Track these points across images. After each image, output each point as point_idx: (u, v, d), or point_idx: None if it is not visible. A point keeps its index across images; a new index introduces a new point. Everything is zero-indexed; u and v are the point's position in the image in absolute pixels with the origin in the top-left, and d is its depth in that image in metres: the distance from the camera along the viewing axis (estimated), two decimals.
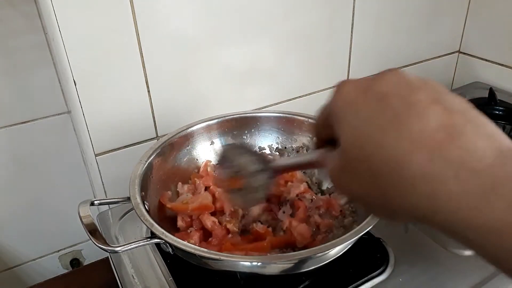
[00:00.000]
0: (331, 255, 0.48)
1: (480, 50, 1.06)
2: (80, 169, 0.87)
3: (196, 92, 0.75)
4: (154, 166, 0.59)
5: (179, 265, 0.55)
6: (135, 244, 0.46)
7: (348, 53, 0.90)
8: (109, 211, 0.70)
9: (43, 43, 0.74)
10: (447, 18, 1.03)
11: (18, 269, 0.92)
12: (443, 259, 0.58)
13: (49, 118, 0.81)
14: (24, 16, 0.71)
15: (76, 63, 0.61)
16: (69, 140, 0.83)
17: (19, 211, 0.86)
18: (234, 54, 0.76)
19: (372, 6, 0.88)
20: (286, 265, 0.46)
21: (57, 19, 0.58)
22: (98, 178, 0.72)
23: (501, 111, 0.93)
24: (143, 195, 0.53)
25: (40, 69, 0.76)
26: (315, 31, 0.83)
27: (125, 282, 0.57)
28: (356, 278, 0.55)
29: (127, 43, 0.64)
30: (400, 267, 0.57)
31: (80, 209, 0.49)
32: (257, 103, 0.83)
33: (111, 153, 0.71)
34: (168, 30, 0.67)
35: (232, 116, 0.68)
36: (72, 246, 0.97)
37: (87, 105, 0.65)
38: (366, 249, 0.58)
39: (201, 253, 0.44)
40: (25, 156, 0.82)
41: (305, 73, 0.87)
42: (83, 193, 0.80)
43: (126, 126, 0.70)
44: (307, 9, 0.80)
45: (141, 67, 0.67)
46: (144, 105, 0.71)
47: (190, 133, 0.65)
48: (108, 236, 0.65)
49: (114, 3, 0.61)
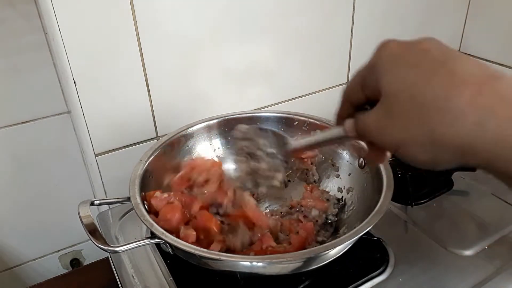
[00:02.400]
0: (331, 255, 0.48)
1: (480, 50, 1.06)
2: (80, 169, 0.87)
3: (196, 92, 0.75)
4: (154, 166, 0.59)
5: (179, 265, 0.55)
6: (135, 244, 0.46)
7: (348, 53, 0.90)
8: (109, 211, 0.71)
9: (43, 43, 0.74)
10: (447, 18, 1.03)
11: (18, 269, 0.92)
12: (443, 259, 0.58)
13: (49, 118, 0.81)
14: (24, 16, 0.71)
15: (76, 63, 0.61)
16: (69, 140, 0.83)
17: (19, 211, 0.86)
18: (234, 54, 0.76)
19: (372, 6, 0.88)
20: (286, 265, 0.46)
21: (57, 19, 0.58)
22: (98, 178, 0.72)
23: None
24: (143, 195, 0.53)
25: (40, 69, 0.76)
26: (315, 31, 0.83)
27: (125, 282, 0.57)
28: (356, 278, 0.55)
29: (127, 43, 0.64)
30: (400, 267, 0.57)
31: (80, 209, 0.49)
32: (257, 103, 0.83)
33: (111, 153, 0.71)
34: (168, 30, 0.67)
35: (232, 116, 0.68)
36: (72, 246, 0.97)
37: (87, 105, 0.65)
38: (366, 249, 0.58)
39: (201, 253, 0.44)
40: (25, 156, 0.82)
41: (305, 73, 0.87)
42: (83, 193, 0.80)
43: (126, 126, 0.70)
44: (307, 9, 0.80)
45: (141, 67, 0.67)
46: (144, 105, 0.71)
47: (190, 133, 0.65)
48: (108, 236, 0.65)
49: (114, 3, 0.61)
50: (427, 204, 0.70)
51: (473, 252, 0.59)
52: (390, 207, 0.69)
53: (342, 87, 0.92)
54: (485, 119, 0.25)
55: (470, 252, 0.59)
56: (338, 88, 0.93)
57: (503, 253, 0.59)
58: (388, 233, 0.62)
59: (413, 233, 0.64)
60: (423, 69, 0.28)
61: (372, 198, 0.52)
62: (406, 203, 0.69)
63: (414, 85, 0.28)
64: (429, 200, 0.70)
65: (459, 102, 0.26)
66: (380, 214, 0.47)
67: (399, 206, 0.69)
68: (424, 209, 0.69)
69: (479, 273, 0.56)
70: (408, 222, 0.66)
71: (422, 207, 0.69)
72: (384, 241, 0.60)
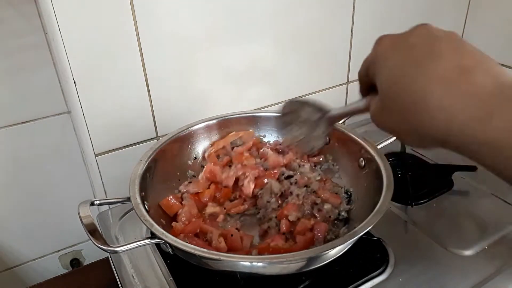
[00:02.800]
0: (331, 255, 0.48)
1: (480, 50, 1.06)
2: (80, 169, 0.87)
3: (196, 92, 0.75)
4: (154, 166, 0.59)
5: (179, 265, 0.55)
6: (135, 244, 0.46)
7: (348, 53, 0.90)
8: (109, 211, 0.71)
9: (43, 43, 0.74)
10: (447, 18, 1.03)
11: (18, 269, 0.92)
12: (443, 259, 0.58)
13: (49, 118, 0.81)
14: (24, 16, 0.71)
15: (76, 63, 0.61)
16: (69, 140, 0.83)
17: (19, 211, 0.86)
18: (234, 54, 0.76)
19: (372, 6, 0.88)
20: (286, 265, 0.46)
21: (57, 19, 0.58)
22: (98, 178, 0.72)
23: None
24: (143, 195, 0.53)
25: (40, 69, 0.76)
26: (315, 31, 0.83)
27: (125, 282, 0.57)
28: (356, 278, 0.55)
29: (127, 43, 0.64)
30: (400, 267, 0.57)
31: (80, 209, 0.49)
32: (257, 103, 0.83)
33: (111, 153, 0.71)
34: (168, 30, 0.67)
35: (232, 116, 0.68)
36: (72, 246, 0.97)
37: (87, 105, 0.65)
38: (366, 249, 0.58)
39: (201, 253, 0.44)
40: (25, 156, 0.82)
41: (305, 73, 0.87)
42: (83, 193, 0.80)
43: (126, 126, 0.70)
44: (307, 9, 0.80)
45: (141, 67, 0.67)
46: (144, 105, 0.71)
47: (190, 133, 0.65)
48: (108, 236, 0.65)
49: (114, 3, 0.61)
50: (427, 204, 0.70)
51: (473, 252, 0.59)
52: (390, 207, 0.69)
53: (343, 86, 0.93)
54: (451, 119, 0.29)
55: (470, 252, 0.59)
56: (338, 88, 0.93)
57: (503, 253, 0.59)
58: (388, 233, 0.62)
59: (413, 233, 0.64)
60: (406, 67, 0.32)
61: (372, 198, 0.52)
62: (406, 203, 0.69)
63: (398, 83, 0.32)
64: (429, 200, 0.70)
65: (431, 102, 0.30)
66: (380, 214, 0.47)
67: (399, 206, 0.69)
68: (424, 209, 0.69)
69: (479, 273, 0.56)
70: (408, 222, 0.66)
71: (422, 207, 0.69)
72: (384, 241, 0.60)
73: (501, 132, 0.28)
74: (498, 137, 0.28)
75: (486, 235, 0.62)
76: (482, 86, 0.29)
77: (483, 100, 0.28)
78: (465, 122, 0.29)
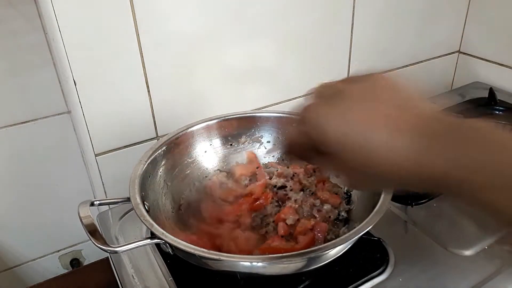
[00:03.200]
0: (331, 255, 0.48)
1: (480, 50, 1.06)
2: (80, 169, 0.87)
3: (196, 92, 0.75)
4: (154, 166, 0.59)
5: (179, 265, 0.55)
6: (135, 244, 0.46)
7: (348, 53, 0.90)
8: (109, 211, 0.70)
9: (43, 43, 0.74)
10: (447, 18, 1.03)
11: (18, 269, 0.92)
12: (443, 259, 0.58)
13: (49, 118, 0.81)
14: (24, 16, 0.71)
15: (76, 63, 0.61)
16: (69, 140, 0.83)
17: (19, 211, 0.86)
18: (234, 54, 0.76)
19: (372, 6, 0.88)
20: (286, 265, 0.46)
21: (57, 19, 0.58)
22: (98, 178, 0.72)
23: (501, 111, 0.93)
24: (143, 195, 0.53)
25: (40, 69, 0.76)
26: (315, 31, 0.83)
27: (125, 282, 0.57)
28: (356, 278, 0.55)
29: (127, 43, 0.64)
30: (400, 267, 0.57)
31: (80, 209, 0.49)
32: (257, 103, 0.83)
33: (111, 153, 0.71)
34: (168, 30, 0.67)
35: (232, 116, 0.68)
36: (72, 246, 0.97)
37: (87, 105, 0.65)
38: (366, 249, 0.58)
39: (201, 253, 0.44)
40: (25, 156, 0.82)
41: (305, 73, 0.87)
42: (83, 193, 0.80)
43: (126, 126, 0.70)
44: (307, 9, 0.80)
45: (141, 67, 0.67)
46: (144, 105, 0.71)
47: (190, 133, 0.65)
48: (108, 236, 0.65)
49: (114, 3, 0.61)
50: (427, 204, 0.69)
51: (473, 252, 0.59)
52: (390, 207, 0.69)
53: None
54: (398, 164, 0.31)
55: (470, 252, 0.59)
56: None
57: (503, 253, 0.59)
58: (388, 233, 0.62)
59: (413, 233, 0.64)
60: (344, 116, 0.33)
61: (372, 198, 0.52)
62: (406, 203, 0.69)
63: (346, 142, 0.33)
64: (429, 200, 0.70)
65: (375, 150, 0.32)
66: (380, 214, 0.47)
67: (399, 206, 0.69)
68: (424, 209, 0.68)
69: (479, 273, 0.56)
70: (408, 222, 0.66)
71: (422, 207, 0.69)
72: (384, 241, 0.60)
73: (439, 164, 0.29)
74: (434, 168, 0.29)
75: (486, 235, 0.62)
76: (407, 123, 0.31)
77: (413, 137, 0.30)
78: (409, 166, 0.30)
